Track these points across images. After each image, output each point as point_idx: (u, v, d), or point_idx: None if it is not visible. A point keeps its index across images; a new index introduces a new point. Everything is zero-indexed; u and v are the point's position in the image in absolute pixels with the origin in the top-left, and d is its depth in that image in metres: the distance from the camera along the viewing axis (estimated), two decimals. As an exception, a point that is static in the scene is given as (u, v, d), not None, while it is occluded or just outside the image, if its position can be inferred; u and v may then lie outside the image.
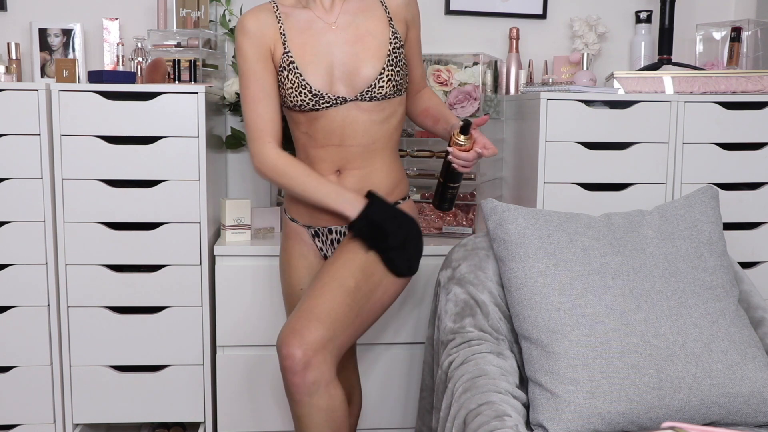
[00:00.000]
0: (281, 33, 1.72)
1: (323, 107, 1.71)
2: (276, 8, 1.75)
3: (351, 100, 1.71)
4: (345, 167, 1.76)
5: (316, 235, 1.84)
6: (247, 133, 1.75)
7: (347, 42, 1.72)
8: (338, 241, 1.84)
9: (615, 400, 1.55)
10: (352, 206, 1.70)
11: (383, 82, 1.71)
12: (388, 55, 1.72)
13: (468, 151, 1.69)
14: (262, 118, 1.71)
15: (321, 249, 1.86)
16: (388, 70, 1.71)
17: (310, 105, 1.70)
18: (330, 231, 1.83)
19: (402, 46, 1.75)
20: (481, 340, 1.72)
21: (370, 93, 1.71)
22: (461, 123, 1.69)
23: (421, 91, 1.95)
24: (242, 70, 1.73)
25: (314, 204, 1.74)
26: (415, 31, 1.83)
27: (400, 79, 1.74)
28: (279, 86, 1.73)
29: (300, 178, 1.71)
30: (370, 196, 1.73)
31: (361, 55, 1.71)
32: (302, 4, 1.76)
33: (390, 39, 1.73)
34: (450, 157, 1.71)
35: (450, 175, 1.76)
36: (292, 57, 1.70)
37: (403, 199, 1.85)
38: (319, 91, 1.70)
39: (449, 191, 1.79)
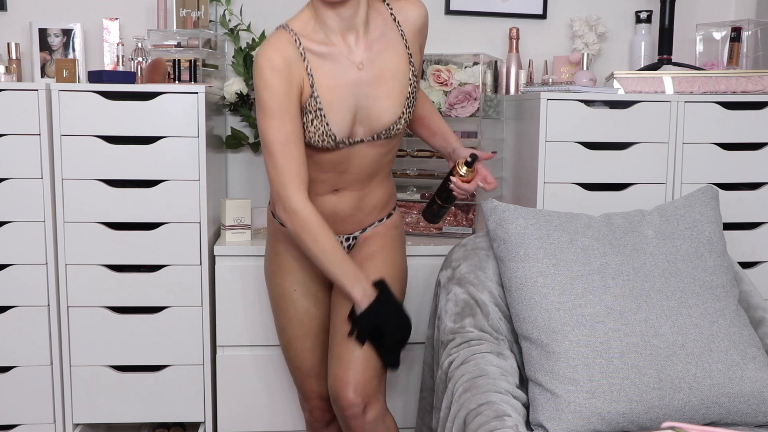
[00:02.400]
0: (308, 73, 1.63)
1: (339, 148, 1.69)
2: (298, 42, 1.62)
3: (366, 141, 1.70)
4: (344, 188, 1.77)
5: None
6: (276, 176, 1.62)
7: (371, 84, 1.66)
8: None
9: (615, 400, 1.55)
10: (364, 297, 1.67)
11: (400, 124, 1.71)
12: (407, 98, 1.70)
13: (469, 182, 1.75)
14: (296, 162, 1.61)
15: None
16: (407, 113, 1.71)
17: (328, 147, 1.68)
18: None
19: (417, 81, 1.73)
20: (481, 340, 1.72)
21: (386, 134, 1.71)
22: (468, 158, 1.73)
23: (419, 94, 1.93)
24: (270, 108, 1.59)
25: (325, 272, 1.70)
26: (423, 45, 1.79)
27: (412, 115, 1.75)
28: (305, 125, 1.66)
29: (327, 247, 1.64)
30: (381, 288, 1.70)
31: (383, 101, 1.67)
32: (322, 36, 1.64)
33: (410, 79, 1.70)
34: (451, 185, 1.76)
35: (446, 198, 1.81)
36: (320, 103, 1.63)
37: (394, 209, 1.89)
38: (341, 139, 1.67)
39: (441, 209, 1.85)
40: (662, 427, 1.07)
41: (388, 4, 1.71)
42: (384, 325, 1.69)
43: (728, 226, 2.03)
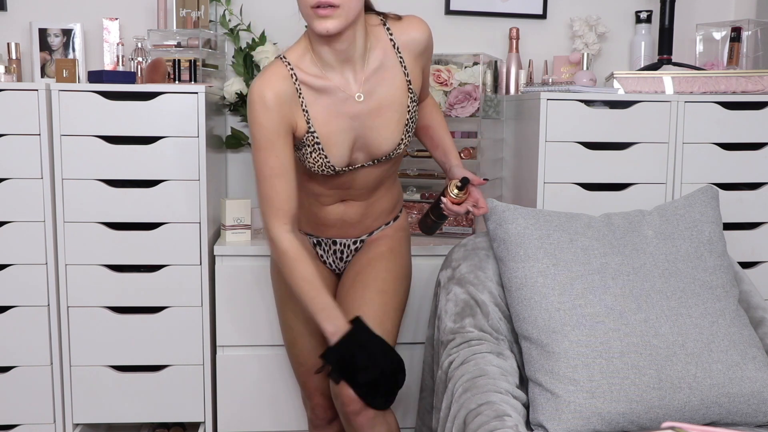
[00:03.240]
0: (304, 110, 1.62)
1: (339, 173, 1.70)
2: (294, 77, 1.61)
3: (365, 166, 1.72)
4: (349, 200, 1.78)
5: (317, 243, 1.85)
6: (261, 203, 1.66)
7: (369, 116, 1.65)
8: (341, 252, 1.85)
9: (615, 400, 1.55)
10: (335, 333, 1.64)
11: (399, 149, 1.71)
12: (406, 125, 1.70)
13: (460, 204, 1.74)
14: (280, 196, 1.62)
15: (321, 256, 1.86)
16: (406, 138, 1.71)
17: (328, 174, 1.69)
18: (334, 242, 1.84)
19: (417, 104, 1.72)
20: (481, 340, 1.72)
21: (386, 158, 1.72)
22: (458, 181, 1.73)
23: (426, 103, 1.89)
24: (258, 141, 1.60)
25: (302, 305, 1.68)
26: (428, 66, 1.77)
27: (413, 135, 1.76)
28: (297, 150, 1.67)
29: (301, 282, 1.65)
30: (355, 324, 1.66)
31: (381, 131, 1.67)
32: (318, 69, 1.62)
33: (408, 106, 1.69)
34: (442, 205, 1.75)
35: (438, 216, 1.81)
36: (317, 138, 1.63)
37: (401, 211, 1.90)
38: (341, 169, 1.68)
39: (435, 225, 1.86)
40: (662, 427, 1.07)
41: (388, 29, 1.66)
42: (355, 360, 1.63)
43: (728, 226, 2.03)
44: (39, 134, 2.03)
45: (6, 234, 2.06)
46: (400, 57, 1.66)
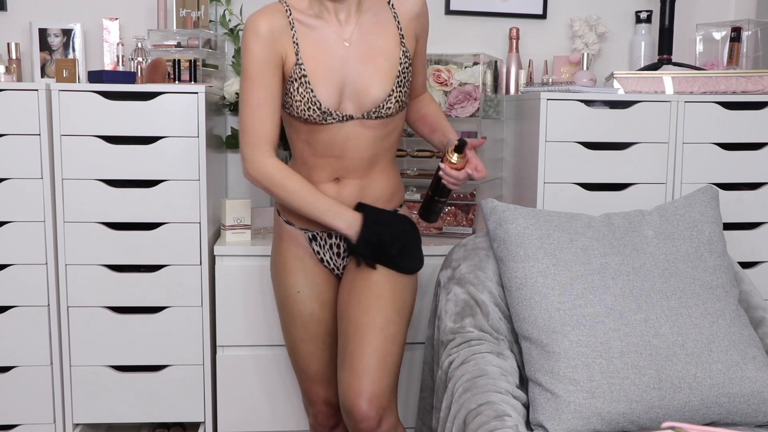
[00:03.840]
0: (294, 42, 1.66)
1: (328, 122, 1.68)
2: (289, 13, 1.67)
3: (357, 118, 1.69)
4: (344, 176, 1.74)
5: (313, 238, 1.81)
6: (243, 137, 1.68)
7: (359, 60, 1.68)
8: (338, 246, 1.80)
9: (615, 400, 1.55)
10: (350, 227, 1.69)
11: (391, 103, 1.69)
12: (397, 76, 1.69)
13: (459, 170, 1.70)
14: (264, 125, 1.66)
15: (318, 253, 1.82)
16: (397, 92, 1.69)
17: (316, 119, 1.67)
18: (329, 236, 1.80)
19: (410, 64, 1.73)
20: (481, 340, 1.72)
21: (376, 112, 1.69)
22: (456, 141, 1.69)
23: (420, 95, 1.92)
24: (248, 71, 1.66)
25: (310, 218, 1.72)
26: (423, 42, 1.80)
27: (406, 98, 1.73)
28: (286, 95, 1.69)
29: (297, 192, 1.68)
30: (363, 210, 1.71)
31: (371, 75, 1.68)
32: (315, 11, 1.69)
33: (400, 59, 1.70)
34: (441, 173, 1.72)
35: (438, 190, 1.77)
36: (304, 70, 1.65)
37: (400, 206, 1.85)
38: (327, 108, 1.66)
39: (437, 204, 1.80)
40: (662, 427, 1.07)
41: None
42: (381, 237, 1.70)
43: (728, 226, 2.03)
44: (39, 134, 2.03)
45: (6, 234, 2.06)
46: (395, 12, 1.72)
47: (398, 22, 1.72)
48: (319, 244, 1.80)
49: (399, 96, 1.70)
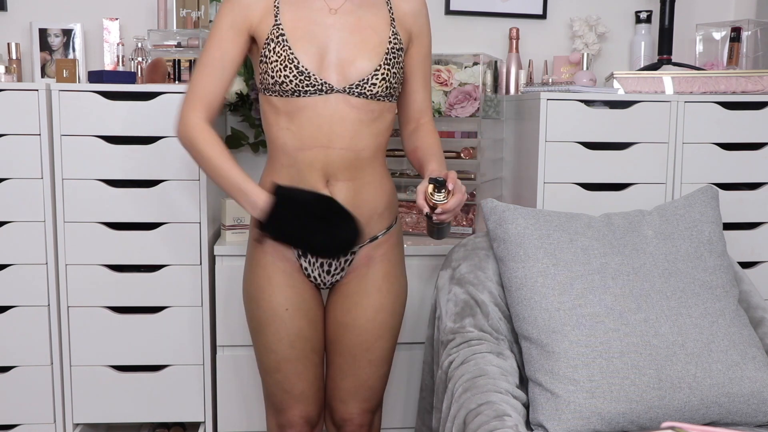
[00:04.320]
0: (275, 5, 1.59)
1: (308, 92, 1.57)
2: None
3: (339, 91, 1.57)
4: (334, 176, 1.62)
5: (303, 254, 1.68)
6: (185, 95, 1.62)
7: (346, 29, 1.60)
8: (329, 264, 1.68)
9: (615, 400, 1.55)
10: (253, 210, 1.58)
11: (377, 79, 1.59)
12: (386, 54, 1.61)
13: (447, 207, 1.52)
14: (206, 86, 1.60)
15: (306, 269, 1.69)
16: (385, 69, 1.60)
17: (294, 84, 1.56)
18: None
19: (402, 50, 1.65)
20: (481, 340, 1.72)
21: (360, 87, 1.58)
22: (430, 182, 1.51)
23: (421, 125, 1.76)
24: (212, 31, 1.61)
25: (220, 188, 1.63)
26: (419, 48, 1.71)
27: (395, 83, 1.63)
28: (261, 63, 1.59)
29: (213, 161, 1.59)
30: (277, 193, 1.57)
31: (359, 46, 1.59)
32: None
33: (390, 38, 1.62)
34: (435, 220, 1.55)
35: (437, 223, 1.59)
36: (282, 29, 1.57)
37: (395, 221, 1.75)
38: (306, 69, 1.56)
39: (440, 229, 1.65)
40: (662, 427, 1.07)
41: None
42: (297, 233, 1.57)
43: (728, 226, 2.03)
44: (39, 134, 2.03)
45: (6, 234, 2.06)
46: (389, 2, 1.67)
47: (391, 9, 1.66)
48: (309, 260, 1.69)
49: (387, 75, 1.60)
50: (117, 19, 2.39)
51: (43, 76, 2.41)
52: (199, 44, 2.30)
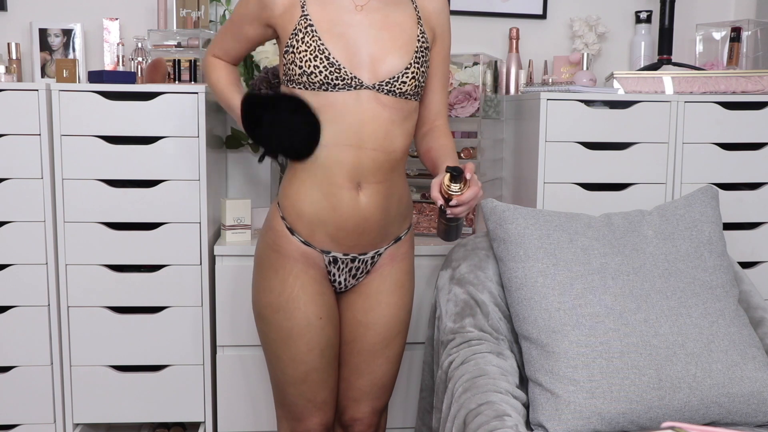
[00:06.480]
0: (301, 4, 1.56)
1: (337, 86, 1.52)
2: None
3: (369, 87, 1.54)
4: (365, 179, 1.58)
5: (333, 261, 1.65)
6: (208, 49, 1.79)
7: (374, 27, 1.56)
8: (357, 269, 1.68)
9: (615, 400, 1.55)
10: (238, 118, 1.67)
11: (407, 77, 1.56)
12: (416, 51, 1.58)
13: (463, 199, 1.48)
14: (227, 43, 1.72)
15: (333, 275, 1.67)
16: (414, 67, 1.57)
17: (323, 76, 1.52)
18: (352, 260, 1.66)
19: (428, 49, 1.62)
20: (481, 340, 1.72)
21: (390, 85, 1.55)
22: (447, 171, 1.48)
23: (436, 127, 1.72)
24: (234, 14, 1.68)
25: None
26: (440, 48, 1.68)
27: (423, 82, 1.61)
28: (287, 54, 1.55)
29: (214, 84, 1.76)
30: (245, 97, 1.62)
31: (389, 44, 1.56)
32: None
33: (418, 36, 1.59)
34: (448, 211, 1.51)
35: (447, 218, 1.56)
36: (311, 20, 1.53)
37: (410, 226, 1.76)
38: (337, 61, 1.52)
39: (451, 229, 1.61)
40: (662, 427, 1.07)
41: None
42: (276, 130, 1.58)
43: (728, 226, 2.03)
44: (39, 134, 2.03)
45: (6, 234, 2.06)
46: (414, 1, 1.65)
47: (416, 7, 1.63)
48: (338, 267, 1.67)
49: (416, 74, 1.57)
50: (117, 19, 2.39)
51: (43, 76, 2.41)
52: (199, 44, 2.30)
